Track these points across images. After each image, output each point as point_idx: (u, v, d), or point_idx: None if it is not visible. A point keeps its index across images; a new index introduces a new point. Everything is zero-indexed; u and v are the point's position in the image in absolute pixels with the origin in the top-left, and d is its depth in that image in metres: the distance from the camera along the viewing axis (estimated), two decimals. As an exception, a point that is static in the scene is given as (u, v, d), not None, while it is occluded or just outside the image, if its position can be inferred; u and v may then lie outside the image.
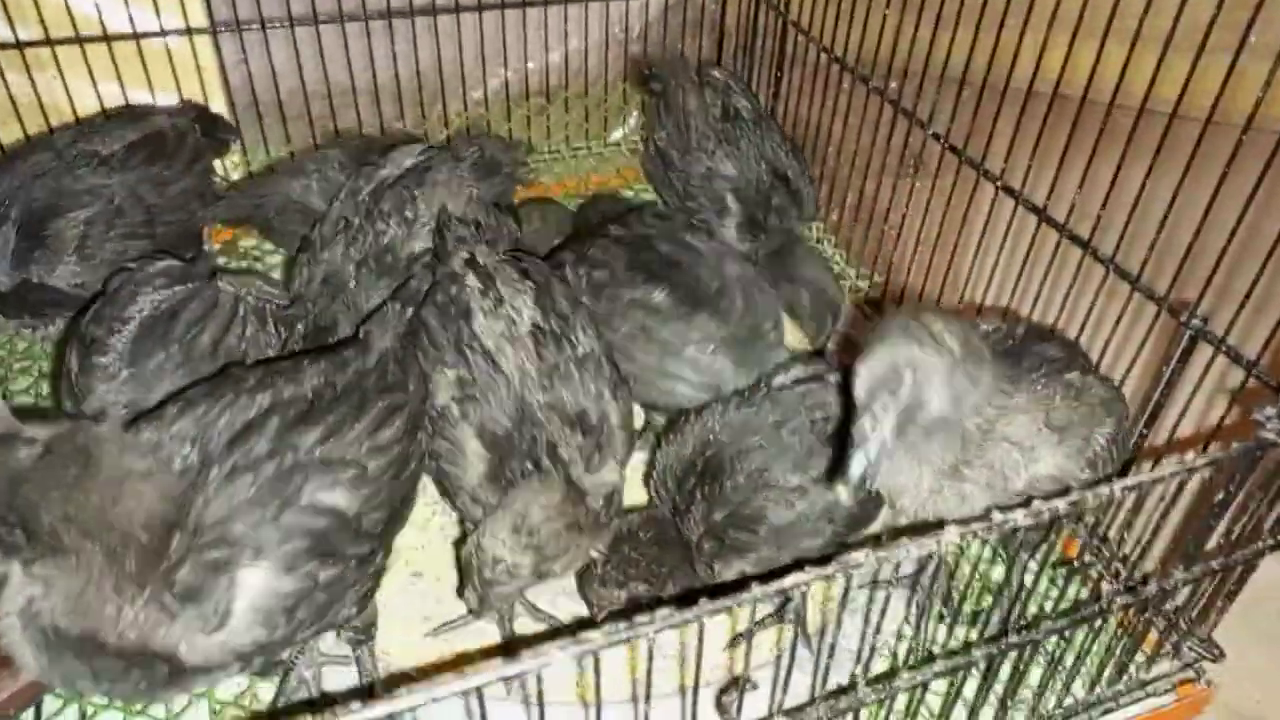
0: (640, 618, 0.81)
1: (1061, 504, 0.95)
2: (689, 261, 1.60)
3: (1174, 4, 1.30)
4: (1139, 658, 1.34)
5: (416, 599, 1.47)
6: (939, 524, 0.92)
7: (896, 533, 1.10)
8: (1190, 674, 1.38)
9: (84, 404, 1.35)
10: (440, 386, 1.34)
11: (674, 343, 1.52)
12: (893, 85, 1.89)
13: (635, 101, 2.56)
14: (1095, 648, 1.27)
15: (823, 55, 2.07)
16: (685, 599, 0.84)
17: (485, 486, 1.31)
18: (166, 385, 1.35)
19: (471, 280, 1.39)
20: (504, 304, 1.36)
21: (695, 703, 0.94)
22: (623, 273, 1.58)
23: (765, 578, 0.86)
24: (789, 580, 0.85)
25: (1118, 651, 1.30)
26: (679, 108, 1.93)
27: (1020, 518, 0.93)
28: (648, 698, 0.88)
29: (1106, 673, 1.32)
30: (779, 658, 0.97)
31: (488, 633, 1.42)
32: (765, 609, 1.35)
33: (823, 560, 0.87)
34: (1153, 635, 1.33)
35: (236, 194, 1.97)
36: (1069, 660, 1.27)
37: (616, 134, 2.59)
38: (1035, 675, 1.25)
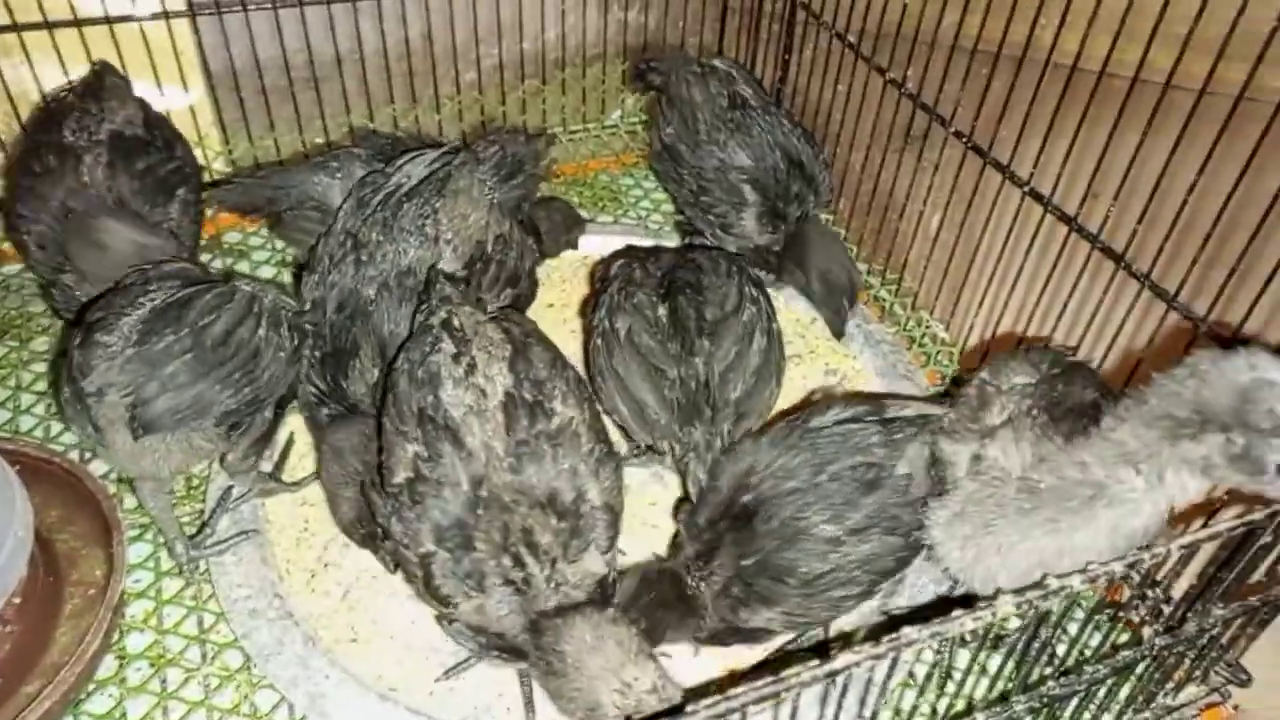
0: (691, 709, 0.76)
1: (1118, 567, 0.91)
2: (710, 297, 1.53)
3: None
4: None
5: (424, 629, 1.42)
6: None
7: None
8: (1216, 698, 1.35)
9: (83, 383, 1.29)
10: (400, 461, 1.22)
11: (638, 355, 1.47)
12: (909, 75, 1.81)
13: (633, 82, 2.47)
14: (1128, 681, 1.25)
15: (834, 40, 1.98)
16: (730, 680, 0.80)
17: (446, 581, 1.18)
18: (172, 369, 1.29)
19: (446, 344, 1.27)
20: (476, 371, 1.24)
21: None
22: (651, 276, 1.58)
23: (813, 652, 0.81)
24: (839, 663, 0.80)
25: (1148, 682, 1.27)
26: (684, 100, 1.84)
27: (1077, 583, 0.89)
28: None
29: (1134, 702, 1.29)
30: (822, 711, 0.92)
31: (496, 674, 1.38)
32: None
33: (875, 632, 0.83)
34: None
35: (251, 180, 1.82)
36: (1100, 693, 1.24)
37: (614, 115, 2.49)
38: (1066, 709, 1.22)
